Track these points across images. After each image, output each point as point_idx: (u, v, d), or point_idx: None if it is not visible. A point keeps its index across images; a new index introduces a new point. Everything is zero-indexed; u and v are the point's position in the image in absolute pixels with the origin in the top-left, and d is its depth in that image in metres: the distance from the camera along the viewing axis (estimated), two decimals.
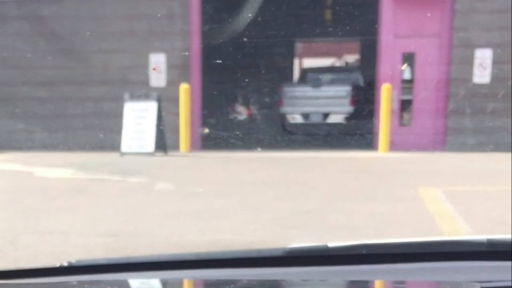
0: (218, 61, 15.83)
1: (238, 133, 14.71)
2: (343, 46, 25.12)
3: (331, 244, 2.07)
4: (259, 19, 16.21)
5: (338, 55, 25.71)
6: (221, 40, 16.52)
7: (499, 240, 2.08)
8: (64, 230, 6.79)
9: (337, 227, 6.88)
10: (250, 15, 16.09)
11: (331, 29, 21.81)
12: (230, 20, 16.70)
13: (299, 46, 25.76)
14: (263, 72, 17.97)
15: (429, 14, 13.27)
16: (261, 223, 7.11)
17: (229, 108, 18.41)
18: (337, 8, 20.67)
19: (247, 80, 17.60)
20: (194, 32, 13.69)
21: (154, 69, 13.42)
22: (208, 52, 14.38)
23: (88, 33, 13.48)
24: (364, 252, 2.08)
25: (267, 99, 17.84)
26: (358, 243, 2.08)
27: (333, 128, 15.63)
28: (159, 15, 13.40)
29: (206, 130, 14.28)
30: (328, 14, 21.43)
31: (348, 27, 19.88)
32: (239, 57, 17.39)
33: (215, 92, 15.30)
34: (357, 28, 18.90)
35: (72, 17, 13.47)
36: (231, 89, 18.32)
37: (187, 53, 13.59)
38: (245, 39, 16.74)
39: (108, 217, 7.48)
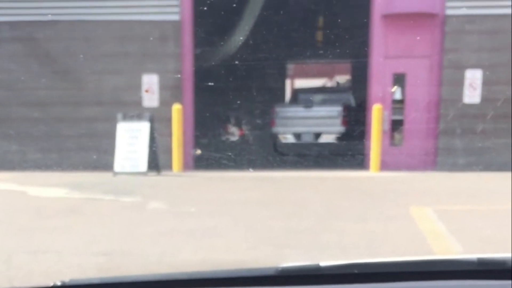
0: (210, 83, 15.91)
1: (230, 153, 14.78)
2: (334, 67, 25.28)
3: (323, 263, 2.07)
4: (251, 41, 16.35)
5: (330, 75, 25.86)
6: (213, 63, 16.64)
7: (490, 259, 2.09)
8: (58, 249, 6.81)
9: (329, 246, 6.92)
10: (241, 38, 16.22)
11: (322, 50, 21.96)
12: (222, 43, 16.83)
13: (290, 67, 25.92)
14: (255, 93, 18.07)
15: (419, 37, 13.40)
16: (254, 242, 7.15)
17: (221, 128, 18.49)
18: (328, 29, 20.83)
19: (239, 101, 17.71)
20: (187, 54, 13.78)
21: (146, 91, 13.49)
22: (201, 73, 14.47)
23: (81, 54, 13.55)
24: (356, 271, 2.08)
25: (259, 120, 17.92)
26: (350, 262, 2.08)
27: (324, 148, 15.71)
28: (151, 38, 13.49)
29: (199, 151, 14.33)
30: (319, 36, 21.59)
31: (339, 48, 20.04)
32: (231, 78, 17.51)
33: (208, 113, 15.37)
34: (348, 49, 19.07)
35: (65, 38, 13.54)
36: (224, 110, 18.41)
37: (179, 75, 13.67)
38: (237, 61, 16.87)
39: (101, 236, 7.50)
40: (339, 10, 17.71)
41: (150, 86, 13.59)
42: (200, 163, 14.09)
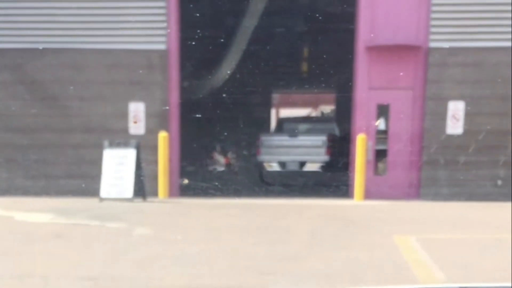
0: (196, 112, 16.02)
1: (216, 181, 14.85)
2: (319, 97, 25.49)
3: None
4: (237, 72, 16.51)
5: (314, 105, 26.06)
6: (200, 92, 16.77)
7: None
8: (44, 274, 6.84)
9: (314, 273, 6.99)
10: (228, 69, 16.39)
11: (307, 81, 22.21)
12: (208, 71, 16.97)
13: (276, 97, 26.11)
14: (241, 122, 18.17)
15: (403, 68, 13.58)
16: (239, 269, 7.21)
17: (207, 157, 18.55)
18: (313, 60, 21.06)
19: (225, 130, 17.81)
20: (173, 83, 13.85)
21: (135, 122, 13.54)
22: (187, 102, 14.55)
23: (69, 82, 13.60)
24: None
25: (244, 148, 18.01)
26: None
27: (309, 176, 15.82)
28: (138, 67, 13.58)
29: (186, 181, 14.38)
30: (304, 67, 21.82)
31: (324, 79, 20.27)
32: (217, 108, 17.62)
33: (194, 142, 15.44)
34: (333, 80, 19.30)
35: (53, 66, 13.58)
36: (210, 138, 18.49)
37: (166, 104, 13.74)
38: (223, 91, 17.01)
39: (87, 261, 7.53)
40: (324, 41, 17.92)
41: (137, 114, 13.66)
42: (186, 191, 14.13)
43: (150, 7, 13.59)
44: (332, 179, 15.35)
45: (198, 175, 15.62)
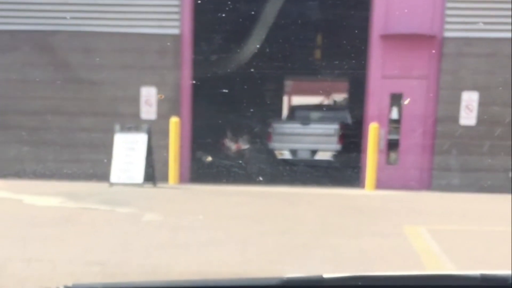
0: (208, 97, 15.97)
1: (226, 167, 14.80)
2: (332, 85, 25.36)
3: (327, 275, 2.09)
4: (250, 58, 16.42)
5: (327, 93, 25.95)
6: (212, 77, 16.70)
7: (492, 276, 2.12)
8: (52, 258, 6.84)
9: (323, 262, 6.96)
10: (240, 53, 16.31)
11: (320, 68, 22.08)
12: (221, 58, 16.91)
13: (288, 83, 26.03)
14: (253, 108, 18.12)
15: (417, 57, 13.49)
16: (248, 256, 7.19)
17: (218, 142, 18.52)
18: (327, 48, 20.96)
19: (236, 116, 17.76)
20: (185, 68, 13.83)
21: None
22: (199, 88, 14.51)
23: (81, 65, 13.60)
24: (360, 283, 2.10)
25: (256, 135, 17.96)
26: (353, 275, 2.10)
27: (320, 165, 15.74)
28: (151, 51, 13.56)
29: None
30: (318, 54, 21.71)
31: (337, 67, 20.15)
32: (230, 93, 17.56)
33: (205, 127, 15.39)
34: (346, 68, 19.16)
35: (65, 49, 13.58)
36: (221, 125, 18.43)
37: (178, 89, 13.72)
38: (235, 77, 16.94)
39: (95, 246, 7.53)
40: (338, 29, 17.80)
41: (148, 98, 13.65)
42: (196, 176, 14.12)
43: None
44: (344, 168, 15.29)
45: (206, 157, 15.58)
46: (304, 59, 21.36)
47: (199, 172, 14.26)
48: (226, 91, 17.51)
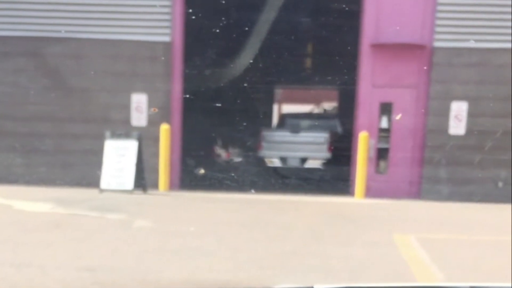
0: (199, 105, 15.99)
1: (217, 174, 14.81)
2: (322, 94, 25.46)
3: (318, 285, 2.10)
4: (240, 66, 16.46)
5: (317, 102, 26.04)
6: (203, 85, 16.73)
7: None
8: (42, 264, 6.83)
9: (313, 269, 6.98)
10: (231, 62, 16.35)
11: (310, 76, 22.17)
12: (212, 64, 16.93)
13: (278, 92, 26.10)
14: (243, 116, 18.14)
15: (407, 67, 13.56)
16: (238, 263, 7.19)
17: (208, 150, 18.53)
18: (317, 56, 21.05)
19: (227, 123, 17.76)
20: (176, 75, 13.85)
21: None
22: (190, 95, 14.53)
23: (72, 71, 13.59)
24: None
25: (246, 143, 17.98)
26: (345, 285, 2.11)
27: (310, 173, 15.78)
28: (142, 58, 13.57)
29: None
30: (308, 62, 21.80)
31: (327, 76, 20.23)
32: (220, 101, 17.57)
33: (195, 134, 15.41)
34: (336, 77, 19.23)
35: (57, 55, 13.57)
36: (211, 132, 18.45)
37: (168, 96, 13.73)
38: (226, 85, 16.97)
39: (85, 252, 7.52)
40: (328, 37, 17.88)
41: (139, 105, 13.65)
42: (186, 183, 14.13)
43: None
44: (333, 176, 15.33)
45: (198, 167, 15.59)
46: (295, 68, 21.43)
47: (189, 179, 14.26)
48: (217, 98, 17.54)
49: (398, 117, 13.55)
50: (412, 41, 13.42)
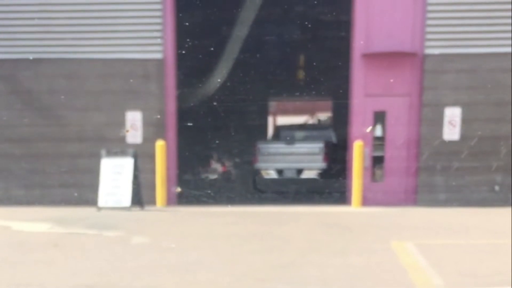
0: (193, 121, 16.03)
1: (213, 189, 14.85)
2: (316, 104, 25.53)
3: None
4: (233, 81, 16.52)
5: (311, 112, 26.11)
6: (196, 101, 16.79)
7: None
8: (41, 282, 6.85)
9: (311, 280, 6.99)
10: (224, 77, 16.41)
11: (304, 88, 22.23)
12: (205, 79, 17.00)
13: (273, 104, 26.15)
14: (238, 130, 18.20)
15: (398, 75, 13.61)
16: (236, 276, 7.21)
17: (204, 165, 18.56)
18: (310, 68, 21.11)
19: (222, 138, 17.82)
20: (170, 92, 13.88)
21: (127, 131, 13.53)
22: (184, 111, 14.58)
23: (65, 91, 13.62)
24: None
25: (241, 156, 18.03)
26: None
27: (306, 183, 15.83)
28: (135, 76, 13.60)
29: (179, 189, 14.35)
30: (300, 74, 21.85)
31: (320, 86, 20.30)
32: (214, 116, 17.63)
33: (191, 150, 15.46)
34: (329, 87, 19.31)
35: (49, 76, 13.61)
36: (207, 147, 18.50)
37: (162, 113, 13.73)
38: (220, 100, 17.03)
39: (84, 269, 7.53)
40: (320, 49, 17.98)
41: (134, 123, 13.68)
42: (183, 199, 14.14)
43: (146, 16, 13.62)
44: (329, 186, 15.37)
45: (194, 182, 15.63)
46: (288, 80, 21.50)
47: (186, 194, 14.27)
48: (211, 113, 17.58)
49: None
50: (403, 49, 13.48)
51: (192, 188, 14.74)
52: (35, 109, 13.66)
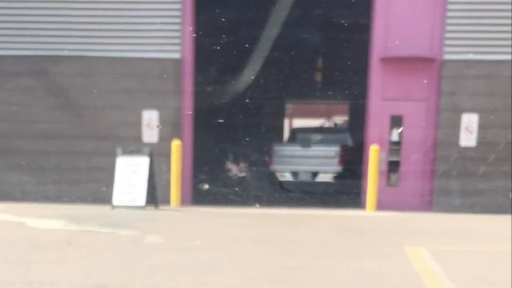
0: (210, 120, 16.06)
1: (228, 189, 14.86)
2: (333, 107, 25.50)
3: None
4: (251, 81, 16.55)
5: (328, 116, 26.09)
6: (213, 101, 16.81)
7: None
8: (53, 281, 6.86)
9: (324, 283, 6.98)
10: (241, 77, 16.44)
11: (321, 91, 22.25)
12: (222, 82, 17.03)
13: (289, 106, 26.17)
14: (254, 131, 18.22)
15: (417, 80, 13.57)
16: (249, 278, 7.20)
17: (220, 165, 18.59)
18: (328, 71, 21.11)
19: (238, 138, 17.85)
20: (187, 92, 13.92)
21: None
22: (200, 111, 14.60)
23: (83, 89, 13.70)
24: None
25: (257, 157, 18.04)
26: None
27: (321, 186, 15.82)
28: (152, 75, 13.65)
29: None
30: (318, 77, 21.86)
31: (337, 89, 20.28)
32: (231, 116, 17.67)
33: (207, 150, 15.50)
34: (347, 90, 19.28)
35: (68, 73, 13.69)
36: (222, 147, 18.53)
37: (179, 112, 13.77)
38: (236, 100, 17.06)
39: (97, 268, 7.55)
40: (338, 52, 17.95)
41: (150, 122, 13.73)
42: (198, 199, 14.17)
43: (165, 16, 13.66)
44: (345, 190, 15.35)
45: (210, 182, 15.65)
46: (305, 82, 21.51)
47: (202, 194, 14.30)
48: (227, 114, 17.62)
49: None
50: (422, 54, 13.45)
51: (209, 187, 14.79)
52: (52, 106, 13.74)
